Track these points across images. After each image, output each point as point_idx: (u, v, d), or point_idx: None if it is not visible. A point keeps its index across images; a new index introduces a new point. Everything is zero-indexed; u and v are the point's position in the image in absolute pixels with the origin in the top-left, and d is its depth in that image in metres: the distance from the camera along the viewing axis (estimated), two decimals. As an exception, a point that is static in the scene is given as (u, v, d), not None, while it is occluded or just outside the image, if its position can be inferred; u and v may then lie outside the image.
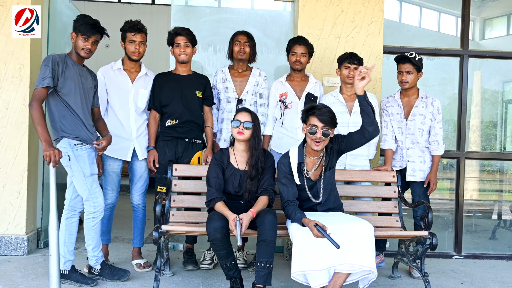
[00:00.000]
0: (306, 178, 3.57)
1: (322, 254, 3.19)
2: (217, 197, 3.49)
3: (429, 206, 3.76)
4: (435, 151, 4.30)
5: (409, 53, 4.28)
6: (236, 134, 3.58)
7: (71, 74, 3.53)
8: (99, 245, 3.79)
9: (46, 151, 3.28)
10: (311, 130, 3.41)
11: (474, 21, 6.16)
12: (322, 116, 3.39)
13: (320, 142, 3.41)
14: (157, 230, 3.48)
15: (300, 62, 4.32)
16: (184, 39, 4.19)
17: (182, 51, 4.20)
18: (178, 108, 4.19)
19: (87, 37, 3.53)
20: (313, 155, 3.56)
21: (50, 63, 3.42)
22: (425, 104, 4.29)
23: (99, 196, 3.68)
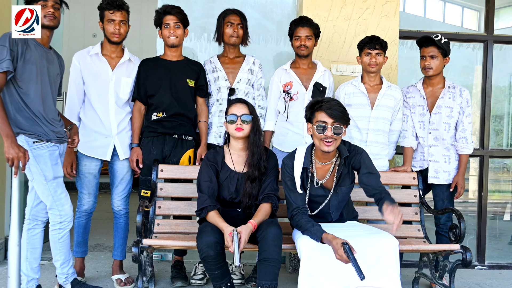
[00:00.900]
0: (316, 187, 2.98)
1: (336, 275, 2.63)
2: (210, 205, 2.90)
3: (460, 215, 3.19)
4: (463, 149, 3.72)
5: (434, 35, 3.69)
6: (234, 131, 3.01)
7: (33, 57, 2.93)
8: (69, 260, 3.20)
9: (8, 152, 2.72)
10: (319, 127, 2.82)
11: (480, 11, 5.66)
12: (332, 110, 2.80)
13: (331, 142, 2.81)
14: (137, 245, 2.90)
15: (305, 47, 3.74)
16: (174, 18, 3.60)
17: (172, 32, 3.61)
18: (165, 99, 3.61)
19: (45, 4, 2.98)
20: (323, 159, 2.97)
21: (7, 42, 2.82)
22: (452, 95, 3.72)
23: (65, 203, 3.08)
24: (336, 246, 2.53)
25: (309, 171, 2.96)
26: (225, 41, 3.79)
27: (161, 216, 3.47)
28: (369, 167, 2.95)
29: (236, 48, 3.84)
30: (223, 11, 3.82)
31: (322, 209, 3.02)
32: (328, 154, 2.93)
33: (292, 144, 3.77)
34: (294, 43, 3.81)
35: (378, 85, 3.75)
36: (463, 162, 3.73)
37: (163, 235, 3.32)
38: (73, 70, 3.53)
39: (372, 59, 3.64)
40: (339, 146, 2.94)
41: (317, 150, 2.95)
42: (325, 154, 2.91)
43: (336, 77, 4.16)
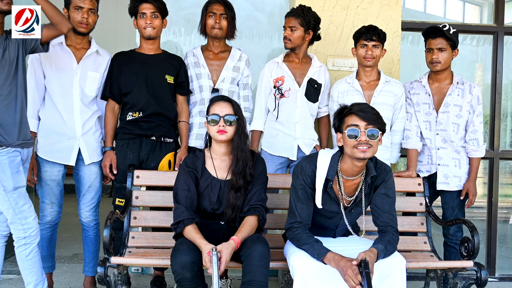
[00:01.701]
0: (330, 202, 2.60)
1: None
2: (187, 218, 2.52)
3: (473, 227, 2.82)
4: (474, 152, 3.35)
5: (442, 25, 3.31)
6: (216, 134, 2.62)
7: None
8: (43, 281, 2.84)
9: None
10: (351, 131, 2.42)
11: (482, 6, 5.60)
12: (364, 112, 2.44)
13: (366, 148, 2.41)
14: (103, 264, 2.51)
15: (288, 39, 3.36)
16: (151, 7, 3.23)
17: (148, 23, 3.23)
18: (142, 97, 3.23)
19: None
20: (351, 174, 2.54)
21: None
22: (461, 92, 3.34)
23: (28, 215, 2.71)
24: (347, 273, 2.20)
25: (331, 184, 2.55)
26: (208, 33, 3.41)
27: (136, 228, 3.09)
28: (388, 187, 2.58)
29: (221, 42, 3.46)
30: (207, 0, 3.43)
31: (329, 225, 2.66)
32: (360, 168, 2.51)
33: (282, 147, 3.40)
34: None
35: (375, 80, 3.38)
36: (474, 167, 3.35)
37: (138, 250, 2.94)
38: (32, 62, 3.14)
39: (368, 52, 3.27)
40: (368, 166, 2.54)
41: (345, 162, 2.52)
42: (355, 167, 2.49)
43: (333, 73, 3.79)
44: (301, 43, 3.40)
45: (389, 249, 2.42)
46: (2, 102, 2.65)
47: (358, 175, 2.56)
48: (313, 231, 2.57)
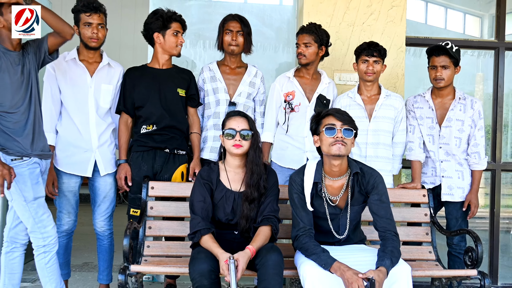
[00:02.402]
0: (328, 205, 2.73)
1: None
2: (203, 228, 2.63)
3: (477, 237, 2.93)
4: (476, 165, 3.46)
5: (444, 43, 3.44)
6: (232, 148, 2.74)
7: (3, 64, 2.69)
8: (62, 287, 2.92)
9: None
10: (329, 129, 2.63)
11: (483, 18, 5.57)
12: (340, 113, 2.67)
13: (343, 145, 2.58)
14: (124, 272, 2.62)
15: (303, 55, 3.48)
16: (180, 26, 3.40)
17: (180, 41, 3.39)
18: (156, 110, 3.34)
19: None
20: (334, 175, 2.72)
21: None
22: (463, 107, 3.46)
23: (48, 224, 2.82)
24: (350, 279, 2.30)
25: (320, 187, 2.71)
26: (225, 49, 3.53)
27: (151, 237, 3.19)
28: (381, 193, 2.70)
29: (238, 57, 3.58)
30: (224, 17, 3.56)
31: (332, 227, 2.77)
32: (338, 167, 2.68)
33: (292, 159, 3.51)
34: (296, 50, 3.57)
35: (376, 95, 3.50)
36: (476, 179, 3.46)
37: (153, 258, 3.04)
38: (47, 78, 3.25)
39: (369, 67, 3.39)
40: (349, 162, 2.72)
41: (326, 164, 2.71)
42: (335, 166, 2.67)
43: (339, 87, 3.91)
44: (315, 59, 3.53)
45: (394, 260, 2.52)
46: (20, 116, 2.75)
47: (342, 176, 2.72)
48: (318, 237, 2.70)
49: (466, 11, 5.70)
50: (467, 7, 5.59)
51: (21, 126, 2.74)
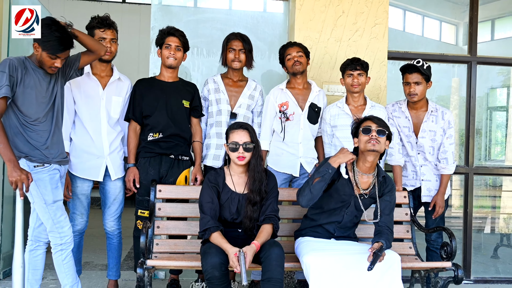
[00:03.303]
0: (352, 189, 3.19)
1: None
2: (212, 226, 2.95)
3: (451, 233, 3.31)
4: (444, 169, 3.83)
5: (416, 61, 3.80)
6: (236, 159, 3.07)
7: (32, 81, 2.95)
8: (77, 283, 3.19)
9: (12, 175, 2.74)
10: (365, 130, 3.10)
11: (458, 25, 5.95)
12: (377, 118, 3.17)
13: (376, 143, 3.05)
14: (142, 266, 2.92)
15: (299, 62, 3.81)
16: (177, 41, 3.66)
17: (172, 53, 3.66)
18: (162, 119, 3.64)
19: (55, 57, 2.94)
20: (365, 170, 3.17)
21: (7, 68, 2.82)
22: (435, 118, 3.84)
23: (65, 224, 3.09)
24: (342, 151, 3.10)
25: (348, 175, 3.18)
26: (228, 65, 3.86)
27: (159, 236, 3.49)
28: (393, 197, 3.19)
29: (240, 72, 3.91)
30: (227, 36, 3.89)
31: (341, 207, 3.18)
32: (370, 163, 3.12)
33: (287, 165, 3.84)
34: (287, 63, 3.87)
35: (362, 105, 3.84)
36: (443, 182, 3.83)
37: (162, 255, 3.34)
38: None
39: (355, 80, 3.74)
40: (378, 168, 3.18)
41: (360, 160, 3.15)
42: (368, 162, 3.11)
43: (328, 97, 4.24)
44: (306, 67, 3.89)
45: (388, 244, 2.95)
46: (43, 127, 3.02)
47: (370, 173, 3.16)
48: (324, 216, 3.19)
49: (442, 19, 6.00)
50: (443, 15, 5.93)
51: (44, 137, 3.00)
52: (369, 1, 4.39)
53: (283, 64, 3.95)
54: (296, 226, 3.51)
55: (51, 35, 2.87)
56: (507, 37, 6.10)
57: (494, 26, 6.15)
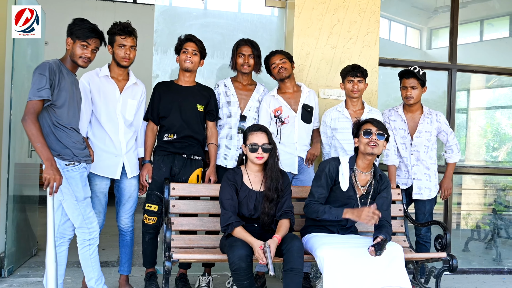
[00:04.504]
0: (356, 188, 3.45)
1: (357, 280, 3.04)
2: (235, 221, 3.16)
3: (445, 227, 3.63)
4: (449, 158, 4.30)
5: (413, 68, 4.14)
6: (255, 159, 3.30)
7: (66, 84, 3.09)
8: (102, 277, 3.34)
9: (47, 172, 2.86)
10: (366, 133, 3.36)
11: (422, 30, 6.35)
12: (377, 122, 3.42)
13: (375, 146, 3.32)
14: (169, 259, 3.09)
15: (284, 68, 4.05)
16: (194, 46, 3.85)
17: (189, 57, 3.83)
18: (176, 122, 3.82)
19: (86, 44, 3.11)
20: (363, 169, 3.43)
21: (47, 72, 2.96)
22: (429, 121, 4.19)
23: (93, 220, 3.25)
24: (360, 210, 3.19)
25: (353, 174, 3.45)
26: (238, 69, 4.07)
27: (173, 232, 3.65)
28: (388, 193, 3.48)
29: (249, 76, 4.12)
30: (237, 41, 4.10)
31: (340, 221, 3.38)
32: (369, 162, 3.39)
33: (286, 164, 4.04)
34: (273, 71, 4.11)
35: (361, 109, 4.12)
36: (449, 168, 4.32)
37: (179, 249, 3.51)
38: (82, 90, 3.61)
39: (355, 86, 4.02)
40: (374, 166, 3.45)
41: (360, 159, 3.44)
42: (367, 161, 3.39)
43: (324, 100, 4.53)
44: (291, 72, 4.13)
45: (389, 238, 3.23)
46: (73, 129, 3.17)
47: (368, 172, 3.44)
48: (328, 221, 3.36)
49: (407, 24, 6.34)
50: (408, 20, 6.26)
51: (73, 137, 3.14)
52: (362, 11, 4.68)
53: (270, 73, 4.19)
54: (301, 222, 3.75)
55: (83, 25, 3.09)
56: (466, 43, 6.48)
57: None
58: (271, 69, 4.11)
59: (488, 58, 5.92)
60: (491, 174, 5.72)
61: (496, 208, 6.02)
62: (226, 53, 4.77)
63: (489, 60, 5.74)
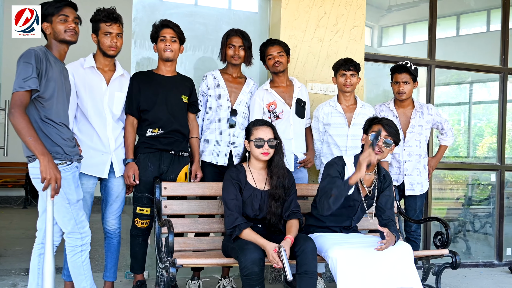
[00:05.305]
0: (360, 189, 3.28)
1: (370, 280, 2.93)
2: (242, 223, 2.96)
3: (446, 223, 3.60)
4: (443, 141, 4.37)
5: (404, 62, 4.09)
6: (260, 155, 3.10)
7: (54, 74, 2.76)
8: (94, 286, 3.02)
9: (46, 172, 2.54)
10: (373, 136, 3.12)
11: (373, 28, 6.32)
12: (389, 126, 3.17)
13: (379, 152, 3.11)
14: (174, 265, 2.85)
15: (280, 62, 3.88)
16: (171, 32, 3.57)
17: (168, 45, 3.56)
18: (162, 115, 3.54)
19: (64, 17, 2.80)
20: (368, 170, 3.23)
21: (33, 59, 2.62)
22: (421, 114, 4.16)
23: (86, 224, 2.95)
24: (359, 166, 3.00)
25: None
26: (228, 61, 3.84)
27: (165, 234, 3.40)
28: (391, 191, 3.36)
29: (238, 68, 3.90)
30: (227, 32, 3.87)
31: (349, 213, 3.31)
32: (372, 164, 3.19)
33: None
34: (268, 63, 3.94)
35: (353, 104, 4.02)
36: (441, 150, 4.42)
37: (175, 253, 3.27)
38: None
39: (347, 80, 3.91)
40: (379, 166, 3.31)
41: None
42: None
43: (311, 95, 4.38)
44: (287, 66, 3.97)
45: (397, 236, 3.14)
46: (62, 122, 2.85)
47: (372, 171, 3.29)
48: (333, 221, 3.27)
49: None
50: None
51: (64, 133, 2.83)
52: (348, 4, 4.59)
53: (264, 61, 4.01)
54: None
55: (52, 2, 2.84)
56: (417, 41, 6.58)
57: (405, 30, 6.61)
58: (266, 59, 3.92)
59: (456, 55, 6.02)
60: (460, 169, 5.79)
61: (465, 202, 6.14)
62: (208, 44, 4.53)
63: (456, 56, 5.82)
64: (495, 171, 5.56)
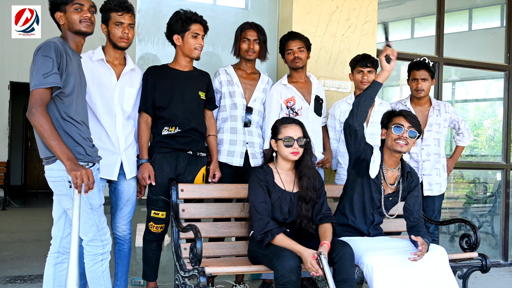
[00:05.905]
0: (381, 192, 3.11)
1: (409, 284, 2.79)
2: (274, 227, 2.77)
3: (474, 226, 3.47)
4: (459, 141, 4.25)
5: (423, 59, 3.97)
6: (290, 155, 2.91)
7: (73, 68, 2.53)
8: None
9: (74, 170, 2.31)
10: (396, 128, 3.00)
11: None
12: (411, 116, 3.05)
13: (404, 144, 2.97)
14: (203, 274, 2.64)
15: (299, 58, 3.70)
16: (203, 29, 3.35)
17: (200, 44, 3.33)
18: (179, 113, 3.31)
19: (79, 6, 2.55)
20: (390, 165, 3.11)
21: (53, 53, 2.39)
22: (438, 112, 4.03)
23: (107, 231, 2.72)
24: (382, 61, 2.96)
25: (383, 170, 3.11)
26: (242, 55, 3.63)
27: (184, 239, 3.18)
28: (419, 191, 3.20)
29: (253, 63, 3.70)
30: (241, 25, 3.66)
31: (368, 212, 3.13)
32: (395, 159, 3.07)
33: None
34: (287, 57, 3.76)
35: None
36: (457, 151, 4.30)
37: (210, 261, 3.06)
38: None
39: (364, 77, 3.77)
40: (402, 161, 3.12)
41: (386, 154, 3.10)
42: (393, 158, 3.06)
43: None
44: (306, 62, 3.79)
45: (429, 240, 2.97)
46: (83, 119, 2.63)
47: (395, 168, 3.13)
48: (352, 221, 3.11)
49: None
50: None
51: (84, 132, 2.60)
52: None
53: (282, 54, 3.83)
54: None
55: None
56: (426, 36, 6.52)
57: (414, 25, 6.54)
58: (285, 53, 3.74)
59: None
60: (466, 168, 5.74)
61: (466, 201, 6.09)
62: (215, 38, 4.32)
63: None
64: (500, 170, 5.50)
